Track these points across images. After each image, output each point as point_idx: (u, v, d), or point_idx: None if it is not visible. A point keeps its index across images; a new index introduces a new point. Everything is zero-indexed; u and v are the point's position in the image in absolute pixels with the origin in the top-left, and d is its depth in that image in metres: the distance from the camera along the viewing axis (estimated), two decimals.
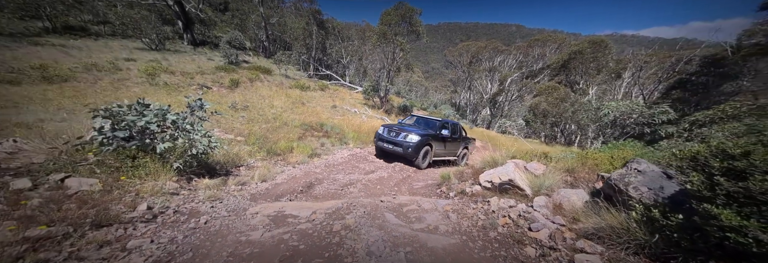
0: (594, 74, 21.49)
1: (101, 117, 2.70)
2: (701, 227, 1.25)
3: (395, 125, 5.99)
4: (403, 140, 5.37)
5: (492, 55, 29.47)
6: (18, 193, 1.85)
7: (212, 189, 3.12)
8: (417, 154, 5.34)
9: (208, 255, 1.91)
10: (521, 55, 29.30)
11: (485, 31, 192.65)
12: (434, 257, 2.00)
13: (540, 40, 26.86)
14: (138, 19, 14.58)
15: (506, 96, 26.94)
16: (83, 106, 5.98)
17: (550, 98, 19.73)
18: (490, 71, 28.70)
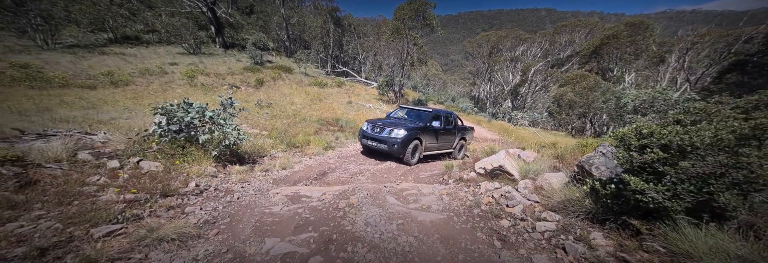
0: (631, 59, 19.26)
1: (159, 114, 3.43)
2: (623, 193, 1.45)
3: (379, 120, 5.64)
4: (387, 136, 4.96)
5: (514, 45, 27.66)
6: (113, 170, 2.57)
7: (242, 174, 3.77)
8: (404, 150, 4.92)
9: (241, 221, 2.48)
10: (547, 43, 27.09)
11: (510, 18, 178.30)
12: (421, 227, 2.36)
13: (568, 25, 24.53)
14: (179, 27, 16.36)
15: (529, 87, 25.32)
16: (141, 106, 7.20)
17: (577, 87, 18.23)
18: (511, 61, 27.05)
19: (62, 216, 1.80)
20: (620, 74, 20.72)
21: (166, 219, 2.21)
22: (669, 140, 1.32)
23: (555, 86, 24.84)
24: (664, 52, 16.99)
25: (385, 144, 4.93)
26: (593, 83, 18.27)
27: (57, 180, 2.14)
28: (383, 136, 5.04)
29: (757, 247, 1.13)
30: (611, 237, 1.56)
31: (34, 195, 1.90)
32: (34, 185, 1.97)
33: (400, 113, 6.70)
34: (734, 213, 1.24)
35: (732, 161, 1.18)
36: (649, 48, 18.63)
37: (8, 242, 1.48)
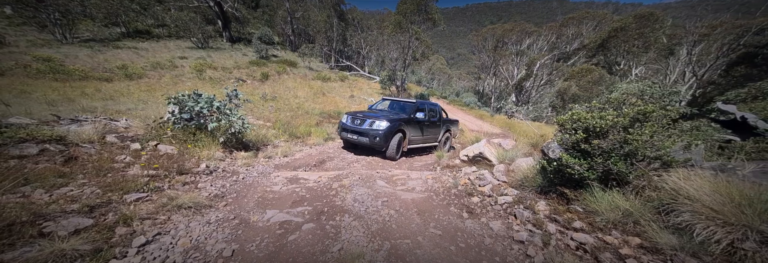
0: (639, 52, 18.68)
1: (173, 104, 3.81)
2: (560, 168, 1.73)
3: (360, 112, 5.32)
4: (369, 129, 4.59)
5: (520, 38, 27.05)
6: (135, 151, 2.98)
7: (247, 159, 4.16)
8: (387, 143, 4.59)
9: (246, 196, 2.86)
10: (554, 36, 26.37)
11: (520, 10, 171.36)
12: (403, 203, 2.70)
13: (575, 17, 23.74)
14: (187, 21, 16.74)
15: (534, 81, 24.91)
16: (155, 98, 7.67)
17: (581, 81, 17.91)
18: (517, 54, 26.53)
19: (101, 184, 2.20)
20: (628, 68, 20.18)
21: (182, 192, 2.60)
22: (589, 124, 1.59)
23: (560, 80, 24.40)
24: (673, 45, 16.42)
25: (367, 137, 4.56)
26: (598, 77, 17.93)
27: (92, 157, 2.54)
28: (364, 128, 4.67)
29: (636, 202, 1.44)
30: (550, 204, 1.87)
31: (77, 168, 2.31)
32: (75, 160, 2.38)
33: (382, 105, 6.41)
34: (628, 179, 1.53)
35: (623, 138, 1.46)
36: (659, 40, 17.99)
37: (65, 200, 1.88)
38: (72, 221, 1.66)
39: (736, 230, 1.19)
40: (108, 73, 10.08)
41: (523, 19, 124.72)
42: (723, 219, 1.22)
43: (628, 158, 1.55)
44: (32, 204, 1.69)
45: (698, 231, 1.25)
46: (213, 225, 2.13)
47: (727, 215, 1.21)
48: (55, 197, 1.86)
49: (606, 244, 1.46)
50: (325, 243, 1.97)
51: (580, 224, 1.61)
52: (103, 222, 1.79)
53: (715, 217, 1.24)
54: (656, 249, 1.34)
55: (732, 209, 1.21)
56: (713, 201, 1.27)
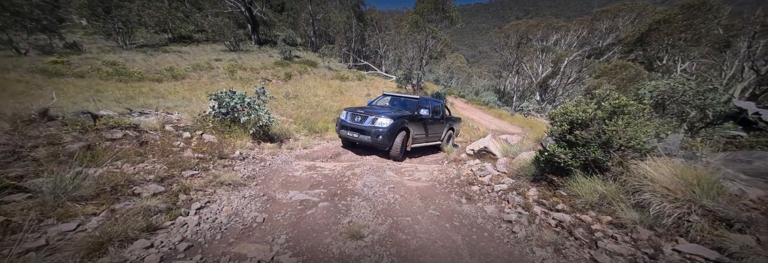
0: (686, 46, 16.71)
1: (213, 100, 4.47)
2: (550, 158, 1.91)
3: (361, 108, 4.96)
4: (370, 126, 4.25)
5: (546, 34, 25.55)
6: (187, 139, 3.61)
7: (272, 149, 4.72)
8: (390, 142, 4.25)
9: (272, 179, 3.35)
10: (585, 31, 24.52)
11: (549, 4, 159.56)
12: (408, 190, 3.00)
13: (610, 10, 21.82)
14: (222, 26, 18.39)
15: (560, 79, 23.43)
16: (196, 96, 8.73)
17: (615, 78, 16.51)
18: (542, 51, 25.10)
19: (165, 162, 2.79)
20: (671, 63, 18.18)
21: (223, 172, 3.14)
22: (573, 117, 1.74)
23: (591, 77, 22.70)
24: (730, 37, 14.49)
25: (368, 135, 4.21)
26: (634, 74, 16.45)
27: (157, 142, 3.18)
28: (365, 125, 4.32)
29: (612, 187, 1.58)
30: (540, 190, 2.04)
31: (148, 149, 2.93)
32: (146, 143, 3.01)
33: (383, 101, 6.06)
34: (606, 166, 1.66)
35: (601, 129, 1.60)
36: (712, 32, 15.96)
37: (144, 172, 2.46)
38: (151, 187, 2.21)
39: (682, 204, 1.32)
40: (158, 74, 11.55)
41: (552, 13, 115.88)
42: (674, 196, 1.35)
43: (605, 147, 1.69)
44: (124, 173, 2.26)
45: (654, 206, 1.38)
46: (247, 199, 2.61)
47: (677, 192, 1.34)
48: (137, 169, 2.45)
49: (581, 222, 1.63)
50: (337, 217, 2.34)
51: (563, 206, 1.78)
52: (170, 189, 2.33)
53: (667, 195, 1.37)
54: (622, 225, 1.49)
55: (683, 187, 1.34)
56: (669, 182, 1.39)
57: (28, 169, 1.76)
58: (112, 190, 1.90)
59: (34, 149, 1.96)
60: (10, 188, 1.53)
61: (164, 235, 1.71)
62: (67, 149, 2.13)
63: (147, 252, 1.51)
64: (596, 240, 1.46)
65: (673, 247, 1.24)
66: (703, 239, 1.22)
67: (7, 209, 1.44)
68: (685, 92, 3.53)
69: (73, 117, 2.63)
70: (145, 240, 1.58)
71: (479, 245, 1.78)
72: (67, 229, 1.45)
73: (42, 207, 1.50)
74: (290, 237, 1.97)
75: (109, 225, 1.53)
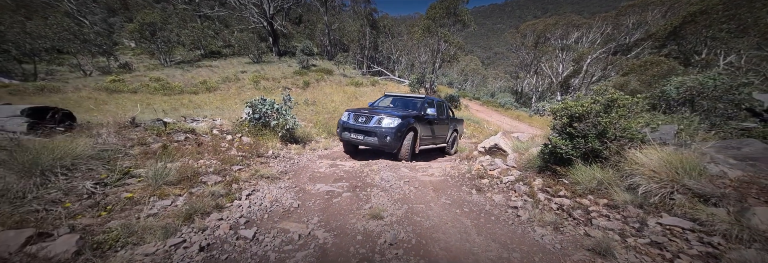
0: (729, 38, 15.25)
1: (248, 106, 5.11)
2: (553, 150, 2.10)
3: (363, 109, 4.67)
4: (376, 127, 3.95)
5: (566, 32, 24.64)
6: (230, 140, 4.21)
7: (297, 150, 5.23)
8: (399, 143, 3.97)
9: (301, 174, 3.80)
10: (610, 27, 23.30)
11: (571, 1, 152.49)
12: (421, 183, 3.28)
13: (637, 4, 20.60)
14: (247, 41, 20.16)
15: (583, 78, 22.29)
16: (227, 105, 9.73)
17: (644, 75, 15.41)
18: (562, 50, 24.18)
19: (218, 159, 3.34)
20: (712, 57, 16.63)
21: (261, 168, 3.64)
22: (572, 111, 1.93)
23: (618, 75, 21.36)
24: None
25: (375, 136, 3.92)
26: (667, 70, 15.28)
27: (209, 143, 3.78)
28: (371, 126, 4.00)
29: (609, 173, 1.74)
30: (544, 179, 2.21)
31: (203, 149, 3.51)
32: (201, 144, 3.60)
33: (385, 103, 5.70)
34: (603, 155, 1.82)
35: (597, 121, 1.77)
36: (761, 22, 14.49)
37: (204, 167, 2.99)
38: (212, 177, 2.72)
39: (666, 184, 1.46)
40: (194, 87, 12.96)
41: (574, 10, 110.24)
42: (659, 177, 1.49)
43: (601, 137, 1.85)
44: (192, 166, 2.80)
45: (642, 187, 1.53)
46: (283, 189, 3.04)
47: (662, 174, 1.48)
48: (200, 164, 2.99)
49: (580, 204, 1.80)
50: (359, 204, 2.67)
51: (564, 192, 1.95)
52: (226, 180, 2.83)
53: (653, 176, 1.51)
54: (615, 206, 1.64)
55: (667, 170, 1.47)
56: (656, 165, 1.53)
57: (134, 162, 2.33)
58: (187, 179, 2.42)
59: (131, 147, 2.55)
60: (127, 175, 2.08)
61: (228, 212, 2.16)
62: (151, 148, 2.72)
63: (219, 222, 1.96)
64: (591, 219, 1.63)
65: (657, 221, 1.39)
66: (685, 213, 1.36)
67: (129, 188, 1.98)
68: (717, 87, 3.46)
69: (151, 124, 3.29)
70: (217, 214, 2.03)
71: (486, 226, 2.01)
72: (166, 204, 1.95)
73: (148, 188, 2.02)
74: (321, 218, 2.33)
75: (191, 202, 2.00)
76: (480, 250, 1.70)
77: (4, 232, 1.29)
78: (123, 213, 1.73)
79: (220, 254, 1.68)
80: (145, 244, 1.52)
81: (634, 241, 1.36)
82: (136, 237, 1.54)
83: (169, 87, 11.61)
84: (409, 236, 1.93)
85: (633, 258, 1.27)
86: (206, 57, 20.43)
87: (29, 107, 2.46)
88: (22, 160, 1.60)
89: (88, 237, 1.43)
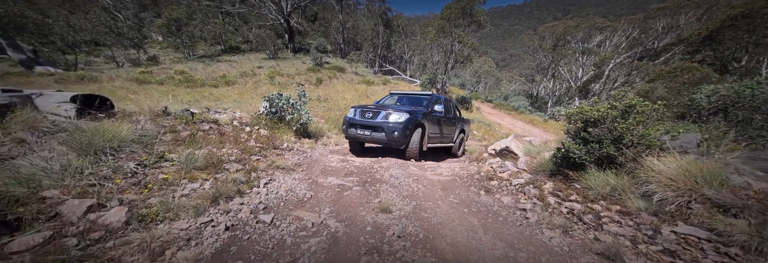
0: None
1: (265, 100, 5.33)
2: (566, 154, 2.10)
3: (370, 105, 4.59)
4: (384, 122, 3.87)
5: (587, 35, 23.65)
6: (248, 132, 4.41)
7: (310, 144, 5.40)
8: (407, 139, 3.89)
9: (313, 167, 3.94)
10: (636, 31, 22.13)
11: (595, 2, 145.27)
12: (429, 182, 3.33)
13: (668, 7, 19.40)
14: (264, 37, 20.75)
15: (604, 83, 21.32)
16: (245, 99, 10.12)
17: (673, 82, 14.52)
18: (582, 53, 23.22)
19: (238, 149, 3.53)
20: (754, 65, 15.45)
21: (277, 159, 3.81)
22: (587, 116, 1.91)
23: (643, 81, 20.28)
24: None
25: (383, 132, 3.86)
26: (700, 77, 14.35)
27: (230, 133, 3.99)
28: (378, 121, 3.93)
29: (624, 180, 1.72)
30: (555, 183, 2.20)
31: (225, 139, 3.72)
32: (223, 134, 3.82)
33: (389, 100, 5.57)
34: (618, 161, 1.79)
35: (613, 127, 1.75)
36: None
37: (226, 155, 3.19)
38: (234, 165, 2.89)
39: (683, 193, 1.44)
40: (214, 81, 13.53)
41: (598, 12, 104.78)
42: (676, 186, 1.46)
43: (617, 143, 1.82)
44: (216, 154, 2.99)
45: (657, 195, 1.51)
46: (297, 180, 3.18)
47: (680, 182, 1.45)
48: (222, 153, 3.18)
49: (591, 210, 1.79)
50: (369, 198, 2.76)
51: (576, 197, 1.94)
52: (245, 168, 3.00)
53: (670, 184, 1.48)
54: (628, 212, 1.63)
55: (686, 178, 1.44)
56: (674, 174, 1.50)
57: (167, 147, 2.54)
58: (213, 165, 2.60)
59: (164, 134, 2.76)
60: (162, 159, 2.27)
61: (248, 198, 2.32)
62: (181, 135, 2.93)
63: (241, 206, 2.11)
64: (602, 224, 1.63)
65: (671, 229, 1.37)
66: (702, 223, 1.33)
67: (164, 170, 2.18)
68: (755, 96, 3.26)
69: (180, 113, 3.52)
70: (239, 198, 2.19)
71: (493, 226, 2.04)
72: (195, 187, 2.12)
73: (180, 171, 2.20)
74: (333, 209, 2.44)
75: (216, 186, 2.17)
76: (486, 248, 1.75)
77: (71, 201, 1.48)
78: (160, 192, 1.92)
79: (242, 234, 1.82)
80: (179, 220, 1.68)
81: (646, 248, 1.36)
82: (172, 213, 1.70)
83: (191, 80, 12.19)
84: (416, 230, 1.99)
85: None
86: (226, 52, 21.21)
87: (78, 95, 2.72)
88: (80, 141, 1.82)
89: (134, 210, 1.61)
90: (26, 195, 1.45)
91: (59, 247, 1.23)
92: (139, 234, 1.49)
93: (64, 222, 1.39)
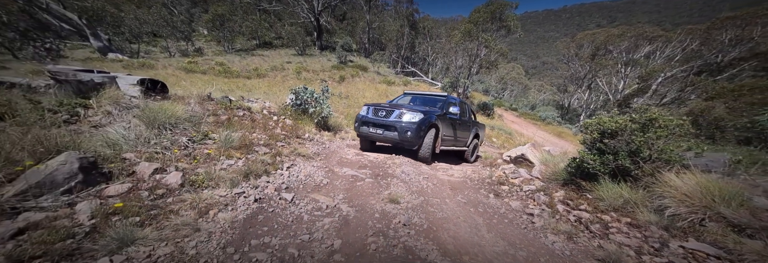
0: None
1: (292, 93, 5.74)
2: (580, 164, 2.09)
3: (383, 104, 4.54)
4: (397, 121, 3.83)
5: (634, 45, 21.72)
6: (276, 121, 4.82)
7: (329, 137, 5.71)
8: (420, 140, 3.83)
9: (330, 158, 4.21)
10: (696, 42, 19.87)
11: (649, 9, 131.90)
12: (440, 181, 3.43)
13: (740, 16, 17.12)
14: (295, 34, 21.89)
15: (650, 98, 19.36)
16: (273, 91, 10.85)
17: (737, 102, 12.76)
18: (625, 64, 21.33)
19: (266, 134, 3.90)
20: None
21: (299, 146, 4.14)
22: (605, 127, 1.89)
23: (699, 98, 18.14)
24: None
25: (396, 131, 3.80)
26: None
27: (260, 120, 4.40)
28: (392, 120, 3.89)
29: (637, 194, 1.68)
30: (567, 192, 2.19)
31: (256, 124, 4.12)
32: (254, 121, 4.23)
33: (403, 100, 5.48)
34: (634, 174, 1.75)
35: (629, 140, 1.71)
36: None
37: (256, 139, 3.55)
38: (262, 148, 3.23)
39: (698, 210, 1.39)
40: (248, 73, 14.59)
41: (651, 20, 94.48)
42: (690, 202, 1.41)
43: (633, 156, 1.78)
44: (247, 137, 3.36)
45: (670, 210, 1.47)
46: (316, 168, 3.45)
47: (695, 199, 1.40)
48: (252, 137, 3.56)
49: (600, 220, 1.78)
50: (380, 189, 2.93)
51: (586, 206, 1.93)
52: (271, 152, 3.33)
53: (685, 200, 1.43)
54: (638, 225, 1.60)
55: (702, 196, 1.39)
56: (690, 190, 1.45)
57: (210, 128, 2.93)
58: (245, 146, 2.94)
59: (208, 116, 3.17)
60: (206, 137, 2.65)
61: (273, 178, 2.61)
62: (220, 118, 3.34)
63: (267, 184, 2.40)
64: (608, 234, 1.62)
65: (680, 244, 1.35)
66: (715, 241, 1.29)
67: (207, 147, 2.55)
68: None
69: (221, 99, 3.98)
70: (266, 177, 2.48)
71: (498, 226, 2.10)
72: (231, 163, 2.46)
73: (220, 149, 2.56)
74: (346, 196, 2.65)
75: (248, 165, 2.48)
76: (487, 244, 1.83)
77: (142, 163, 1.86)
78: (205, 164, 2.26)
79: (267, 207, 2.09)
80: (219, 188, 1.99)
81: (650, 259, 1.36)
82: (213, 182, 2.02)
83: (229, 71, 13.29)
84: (421, 221, 2.12)
85: None
86: (260, 47, 22.70)
87: (145, 79, 3.22)
88: (148, 116, 2.22)
89: (186, 176, 1.94)
90: (113, 155, 1.84)
91: (137, 196, 1.57)
92: (190, 195, 1.80)
93: (138, 179, 1.75)
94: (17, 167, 1.39)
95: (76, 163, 1.47)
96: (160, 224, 1.49)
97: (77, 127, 2.13)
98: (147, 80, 3.16)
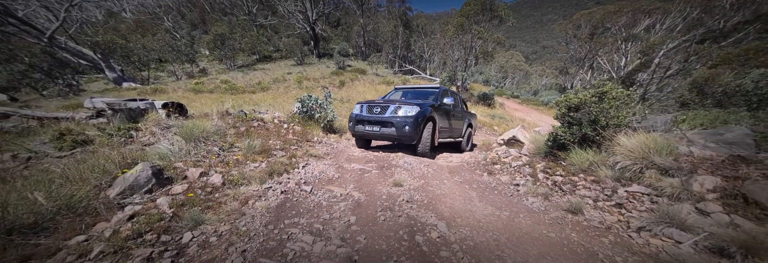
0: None
1: (298, 101, 6.24)
2: (555, 137, 2.42)
3: (377, 100, 4.49)
4: (393, 116, 3.74)
5: (632, 20, 21.20)
6: (286, 128, 5.31)
7: (335, 139, 6.16)
8: (418, 134, 3.72)
9: (339, 156, 4.64)
10: (696, 11, 19.16)
11: None
12: (439, 167, 3.80)
13: None
14: (293, 45, 22.68)
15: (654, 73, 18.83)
16: (278, 103, 11.48)
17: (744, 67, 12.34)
18: (625, 40, 20.82)
19: (280, 140, 4.38)
20: None
21: (310, 149, 4.60)
22: (571, 102, 2.20)
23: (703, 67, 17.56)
24: None
25: (393, 127, 3.72)
26: None
27: (272, 129, 4.90)
28: (387, 116, 3.79)
29: (600, 156, 1.99)
30: (547, 163, 2.50)
31: (269, 133, 4.61)
32: (268, 130, 4.72)
33: (394, 96, 5.46)
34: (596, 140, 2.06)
35: (589, 111, 2.02)
36: None
37: (273, 145, 4.03)
38: (279, 152, 3.70)
39: (638, 161, 1.69)
40: (252, 88, 15.35)
41: None
42: (633, 156, 1.71)
43: (593, 124, 2.08)
44: (265, 144, 3.83)
45: (619, 164, 1.77)
46: (327, 165, 3.88)
47: (636, 153, 1.70)
48: (269, 144, 4.03)
49: (571, 181, 2.09)
50: (385, 178, 3.33)
51: (560, 172, 2.24)
52: (287, 154, 3.79)
53: (630, 155, 1.73)
54: (598, 180, 1.91)
55: (641, 150, 1.69)
56: (633, 147, 1.75)
57: (233, 139, 3.43)
58: (265, 151, 3.41)
59: (229, 129, 3.67)
60: (233, 146, 3.14)
61: (292, 176, 3.06)
62: (240, 130, 3.84)
63: (288, 180, 2.84)
64: (575, 190, 1.94)
65: (625, 189, 1.65)
66: (650, 184, 1.59)
67: (235, 154, 3.04)
68: None
69: (238, 113, 4.50)
70: (286, 175, 2.93)
71: (488, 197, 2.44)
72: (256, 166, 2.93)
73: (245, 155, 3.04)
74: (356, 185, 3.05)
75: (270, 166, 2.94)
76: (477, 210, 2.18)
77: (191, 169, 2.34)
78: (236, 168, 2.73)
79: (292, 197, 2.53)
80: (251, 185, 2.45)
81: (603, 203, 1.67)
82: (246, 180, 2.48)
83: (234, 87, 14.06)
84: (422, 198, 2.50)
85: (597, 214, 1.61)
86: (260, 61, 23.63)
87: (167, 102, 3.76)
88: (185, 132, 2.72)
89: (225, 177, 2.41)
90: (167, 165, 2.33)
91: (194, 193, 2.03)
92: (232, 190, 2.26)
93: (191, 181, 2.22)
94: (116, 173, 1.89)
95: (149, 170, 1.96)
96: (216, 211, 1.94)
97: (133, 146, 2.64)
98: (169, 103, 3.69)
